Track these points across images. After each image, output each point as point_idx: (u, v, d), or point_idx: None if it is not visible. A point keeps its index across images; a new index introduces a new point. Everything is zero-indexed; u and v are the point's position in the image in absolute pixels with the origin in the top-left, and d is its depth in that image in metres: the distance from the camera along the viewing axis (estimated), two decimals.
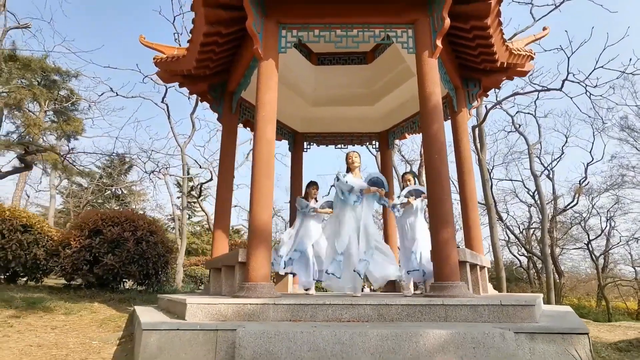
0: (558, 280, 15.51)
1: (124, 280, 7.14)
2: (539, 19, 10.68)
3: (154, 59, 6.20)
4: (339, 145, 7.94)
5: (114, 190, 23.66)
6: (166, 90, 11.87)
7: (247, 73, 5.32)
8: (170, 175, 15.74)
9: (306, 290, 5.25)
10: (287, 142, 7.78)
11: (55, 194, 18.88)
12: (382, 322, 2.81)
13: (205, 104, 6.75)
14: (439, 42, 4.29)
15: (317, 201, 5.53)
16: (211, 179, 13.24)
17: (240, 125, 6.99)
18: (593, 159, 16.15)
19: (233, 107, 5.99)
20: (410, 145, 19.33)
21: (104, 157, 20.73)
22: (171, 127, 12.87)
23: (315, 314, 2.90)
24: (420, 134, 7.76)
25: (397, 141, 9.39)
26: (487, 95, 6.77)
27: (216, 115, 6.34)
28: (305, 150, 7.75)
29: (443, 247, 3.61)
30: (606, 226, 17.91)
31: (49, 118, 16.28)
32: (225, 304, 2.93)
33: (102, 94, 14.54)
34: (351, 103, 7.43)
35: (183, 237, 13.26)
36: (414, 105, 6.94)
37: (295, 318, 2.88)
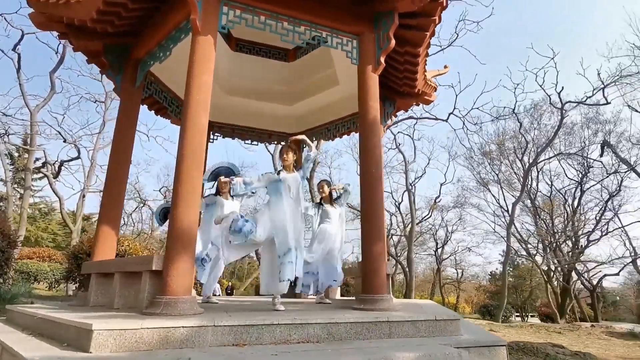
0: (413, 281, 18.18)
1: None
2: (428, 56, 12.24)
3: None
4: (248, 141, 7.47)
5: None
6: (22, 35, 9.14)
7: (166, 43, 4.51)
8: (11, 143, 12.28)
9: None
10: None
11: None
12: (333, 342, 2.68)
13: (68, 64, 5.48)
14: (382, 59, 4.42)
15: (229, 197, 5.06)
16: (78, 157, 10.84)
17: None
18: (446, 180, 19.40)
19: (137, 80, 5.00)
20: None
21: None
22: (20, 84, 10.03)
23: (261, 335, 2.57)
24: (332, 140, 7.99)
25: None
26: (396, 116, 7.35)
27: (103, 80, 5.21)
28: (211, 140, 7.04)
29: (374, 261, 3.69)
30: (446, 237, 21.79)
31: None
32: (149, 328, 2.34)
33: None
34: (268, 99, 7.10)
35: (22, 224, 10.50)
36: (332, 112, 7.04)
37: (239, 342, 2.50)
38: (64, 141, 10.76)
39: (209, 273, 4.51)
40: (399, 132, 14.77)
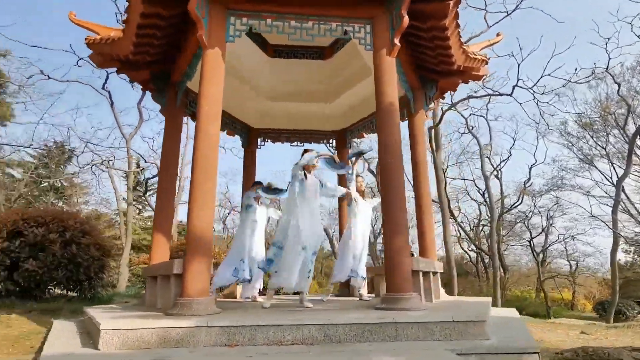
0: (503, 275, 16.41)
1: (49, 288, 6.37)
2: (493, 25, 11.00)
3: (86, 39, 5.52)
4: (295, 143, 7.62)
5: (51, 182, 21.67)
6: (107, 75, 10.86)
7: (194, 62, 4.85)
8: (115, 168, 14.58)
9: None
10: (240, 137, 7.34)
11: None
12: (328, 344, 2.57)
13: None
14: (397, 41, 4.11)
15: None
16: (157, 175, 12.37)
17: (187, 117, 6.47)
18: (536, 161, 17.13)
19: (178, 100, 5.47)
20: (369, 144, 19.35)
21: (39, 146, 18.89)
22: (115, 117, 11.86)
23: (254, 336, 2.59)
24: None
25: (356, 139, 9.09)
26: (443, 98, 6.78)
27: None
28: (259, 146, 7.37)
29: (395, 256, 3.44)
30: (546, 225, 19.18)
31: None
32: (148, 328, 2.54)
33: (30, 77, 12.91)
34: (308, 99, 7.14)
35: (128, 234, 12.33)
36: (372, 104, 6.79)
37: (231, 342, 2.56)
38: (145, 162, 12.49)
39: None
40: (470, 115, 13.54)
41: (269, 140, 7.57)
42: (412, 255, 4.20)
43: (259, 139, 7.39)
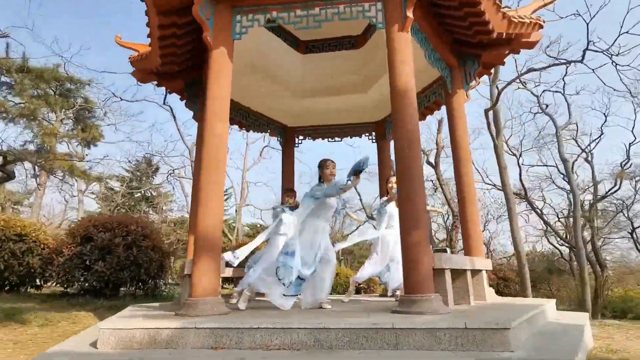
0: (600, 273, 14.11)
1: (119, 287, 7.03)
2: None
3: (129, 58, 5.99)
4: (334, 139, 7.41)
5: (143, 192, 24.37)
6: (166, 91, 11.79)
7: None
8: (180, 177, 15.85)
9: None
10: (277, 137, 7.36)
11: (82, 198, 19.64)
12: (318, 350, 2.33)
13: None
14: (409, 13, 3.69)
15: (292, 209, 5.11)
16: None
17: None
18: (635, 138, 14.49)
19: None
20: (425, 135, 18.11)
21: (130, 160, 21.42)
22: (177, 129, 12.84)
23: (241, 339, 2.46)
24: (424, 120, 7.13)
25: None
26: (490, 73, 6.02)
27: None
28: (296, 145, 7.31)
29: (412, 251, 3.06)
30: None
31: (70, 126, 16.78)
32: (141, 328, 2.56)
33: (106, 99, 14.79)
34: (343, 92, 6.87)
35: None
36: None
37: (218, 345, 2.47)
38: None
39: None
40: (544, 91, 11.80)
41: (308, 138, 7.47)
42: (445, 251, 3.74)
43: (296, 138, 7.32)
